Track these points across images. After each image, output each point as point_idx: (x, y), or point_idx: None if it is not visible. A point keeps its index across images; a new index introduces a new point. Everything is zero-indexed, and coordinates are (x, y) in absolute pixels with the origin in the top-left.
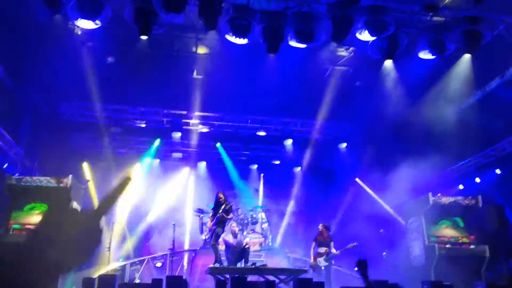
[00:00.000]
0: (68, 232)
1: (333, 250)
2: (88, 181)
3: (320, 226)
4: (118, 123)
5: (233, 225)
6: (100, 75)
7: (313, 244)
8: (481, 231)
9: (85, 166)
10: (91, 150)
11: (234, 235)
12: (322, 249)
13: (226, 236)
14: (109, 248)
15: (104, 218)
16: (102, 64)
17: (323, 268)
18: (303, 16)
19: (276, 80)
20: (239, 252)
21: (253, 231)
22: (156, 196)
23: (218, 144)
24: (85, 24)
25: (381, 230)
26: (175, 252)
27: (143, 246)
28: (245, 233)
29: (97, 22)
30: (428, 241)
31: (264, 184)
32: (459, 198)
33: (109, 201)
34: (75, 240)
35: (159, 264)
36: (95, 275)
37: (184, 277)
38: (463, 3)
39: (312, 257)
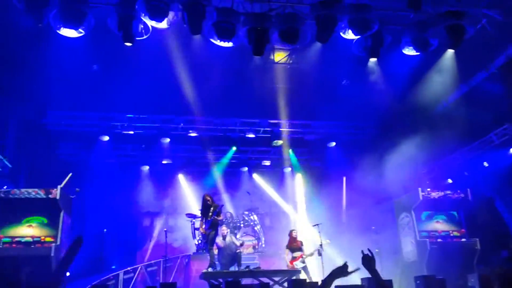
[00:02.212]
0: None
1: (306, 253)
2: (77, 191)
3: (294, 233)
4: (106, 131)
5: (222, 228)
6: (85, 83)
7: (286, 251)
8: (472, 224)
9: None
10: (80, 160)
11: (223, 237)
12: (297, 254)
13: (217, 239)
14: (100, 257)
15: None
16: (87, 72)
17: (299, 269)
18: (287, 17)
19: (263, 82)
20: (232, 255)
21: (246, 234)
22: (148, 203)
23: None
24: (68, 32)
25: (373, 227)
26: (168, 258)
27: (135, 254)
28: (238, 236)
29: (80, 30)
30: (419, 236)
31: (255, 186)
32: (449, 192)
33: (64, 265)
34: None
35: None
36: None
37: (177, 284)
38: None
39: (288, 262)
